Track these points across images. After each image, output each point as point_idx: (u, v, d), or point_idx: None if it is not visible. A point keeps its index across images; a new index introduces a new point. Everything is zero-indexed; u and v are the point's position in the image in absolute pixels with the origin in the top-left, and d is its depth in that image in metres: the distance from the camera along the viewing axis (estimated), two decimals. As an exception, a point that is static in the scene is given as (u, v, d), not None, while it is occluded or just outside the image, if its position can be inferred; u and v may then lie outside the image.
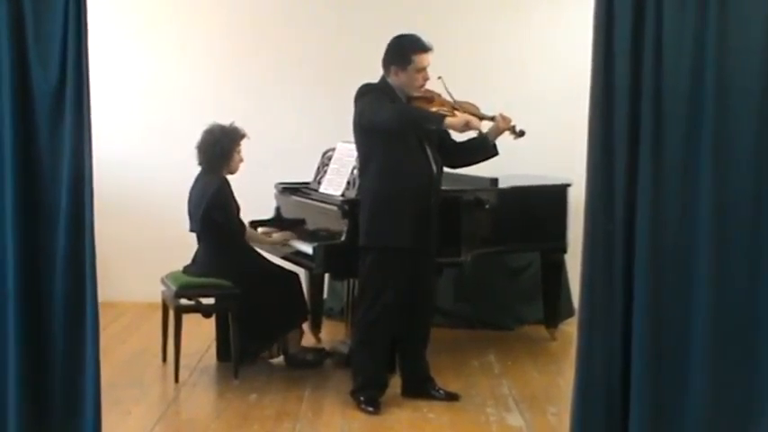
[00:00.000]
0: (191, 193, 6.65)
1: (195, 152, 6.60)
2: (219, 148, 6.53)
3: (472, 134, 6.07)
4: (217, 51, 8.57)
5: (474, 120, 5.78)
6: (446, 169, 6.13)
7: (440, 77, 5.87)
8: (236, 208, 6.56)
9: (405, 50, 5.85)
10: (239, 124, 6.61)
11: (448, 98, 5.94)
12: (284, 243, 6.84)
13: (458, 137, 6.07)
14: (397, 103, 5.82)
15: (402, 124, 5.78)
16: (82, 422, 4.38)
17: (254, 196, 6.93)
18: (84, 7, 4.23)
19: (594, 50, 4.20)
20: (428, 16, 8.05)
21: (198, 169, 6.66)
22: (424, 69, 5.84)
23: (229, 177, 6.61)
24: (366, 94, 5.85)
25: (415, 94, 5.93)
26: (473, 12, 8.43)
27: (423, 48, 5.83)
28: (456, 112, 5.87)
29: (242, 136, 6.60)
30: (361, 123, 5.87)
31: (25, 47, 4.28)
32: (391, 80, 5.89)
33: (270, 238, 6.93)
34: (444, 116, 5.76)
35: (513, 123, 6.01)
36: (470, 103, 6.04)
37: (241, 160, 6.63)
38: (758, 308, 4.17)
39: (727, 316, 4.18)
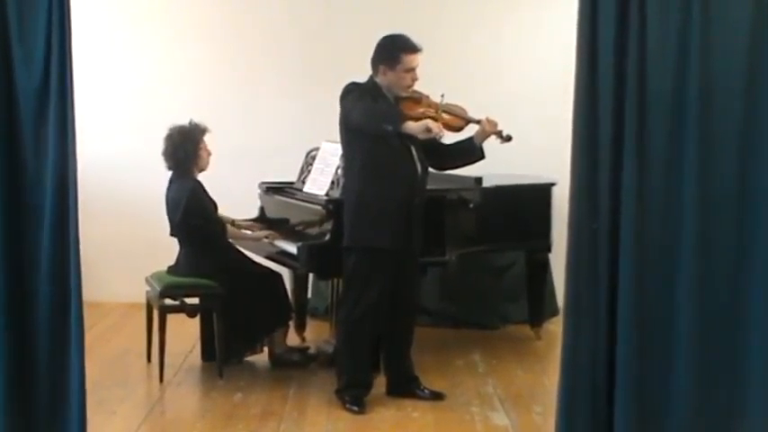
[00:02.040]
0: (167, 198, 6.64)
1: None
2: (183, 150, 6.52)
3: (459, 137, 6.08)
4: (202, 51, 8.57)
5: (435, 126, 5.70)
6: (431, 169, 6.13)
7: (442, 95, 5.87)
8: (212, 207, 6.55)
9: (394, 50, 5.85)
10: (223, 123, 6.60)
11: (437, 100, 5.94)
12: (266, 239, 6.79)
13: (446, 139, 6.06)
14: (372, 103, 5.81)
15: (366, 123, 5.77)
16: (67, 422, 4.37)
17: (238, 196, 6.94)
18: (67, 5, 4.21)
19: (579, 50, 4.21)
20: (412, 15, 8.06)
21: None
22: (412, 70, 5.84)
23: (212, 177, 6.60)
24: (350, 93, 5.84)
25: (403, 94, 5.93)
26: (457, 10, 8.45)
27: (412, 48, 5.83)
28: (440, 114, 5.89)
29: (202, 132, 6.58)
30: (346, 123, 5.87)
31: (8, 45, 4.26)
32: (379, 79, 5.89)
33: (251, 234, 6.90)
34: (405, 120, 5.73)
35: (499, 128, 6.02)
36: (458, 106, 6.05)
37: (209, 154, 6.62)
38: (742, 306, 4.19)
39: (711, 314, 4.20)
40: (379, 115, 5.79)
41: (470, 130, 6.10)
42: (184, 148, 6.52)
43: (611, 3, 4.15)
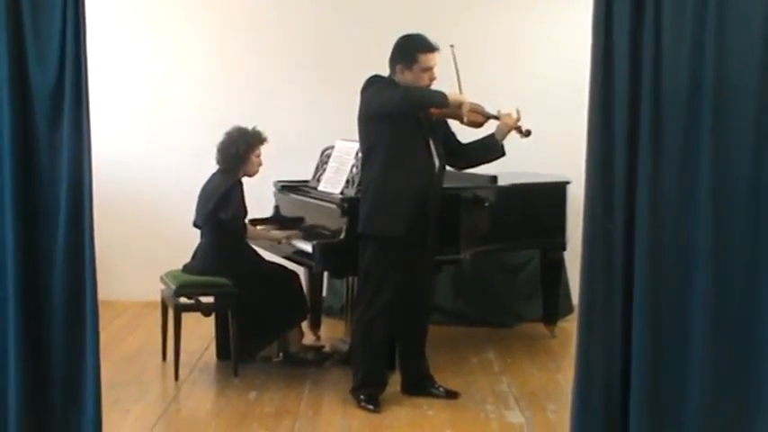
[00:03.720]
0: (203, 189, 6.70)
1: (214, 151, 6.66)
2: (235, 150, 6.57)
3: (479, 134, 6.07)
4: (216, 51, 8.58)
5: (467, 103, 5.79)
6: (448, 168, 6.13)
7: (452, 45, 5.84)
8: (242, 210, 6.57)
9: (410, 49, 5.85)
10: (237, 122, 6.62)
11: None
12: (285, 240, 6.81)
13: (466, 136, 6.07)
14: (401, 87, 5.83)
15: (408, 103, 5.79)
16: (82, 421, 4.38)
17: (254, 195, 6.92)
18: (82, 5, 4.22)
19: (593, 50, 4.20)
20: (430, 16, 8.04)
21: (213, 167, 6.71)
22: (429, 69, 5.84)
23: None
24: (374, 84, 5.87)
25: None
26: (476, 11, 8.44)
27: (429, 47, 5.83)
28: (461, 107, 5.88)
29: (261, 141, 6.63)
30: (369, 112, 5.88)
31: (23, 46, 4.26)
32: (398, 79, 5.89)
33: (271, 234, 6.92)
34: (445, 94, 5.78)
35: (520, 123, 6.02)
36: (477, 104, 6.03)
37: (260, 164, 6.67)
38: (757, 305, 4.17)
39: (726, 314, 4.18)
40: (422, 93, 5.84)
41: (489, 127, 6.10)
42: (237, 146, 6.57)
43: (625, 2, 4.14)
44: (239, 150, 6.58)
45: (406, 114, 5.80)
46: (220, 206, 6.50)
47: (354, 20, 8.44)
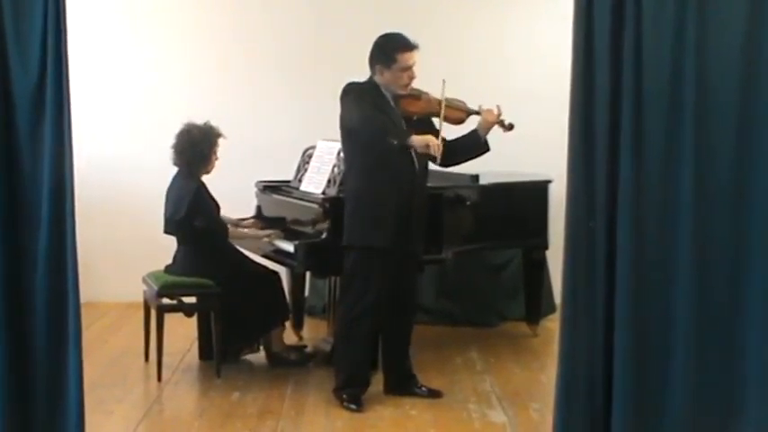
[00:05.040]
0: (167, 195, 6.61)
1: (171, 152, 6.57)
2: (199, 150, 6.49)
3: (463, 130, 6.06)
4: (198, 50, 8.57)
5: (435, 145, 5.66)
6: (431, 166, 6.12)
7: (444, 80, 5.83)
8: (215, 209, 6.54)
9: (389, 49, 5.83)
10: (220, 122, 6.58)
11: (437, 96, 5.91)
12: (266, 239, 6.78)
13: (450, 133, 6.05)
14: (373, 109, 5.76)
15: (371, 136, 5.77)
16: (65, 422, 4.37)
17: (235, 195, 6.93)
18: (63, 5, 4.21)
19: (574, 50, 4.21)
20: (411, 13, 8.06)
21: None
22: (409, 68, 5.83)
23: (210, 176, 6.59)
24: (348, 94, 5.84)
25: (401, 92, 5.91)
26: (456, 8, 8.45)
27: (407, 46, 5.81)
28: (441, 108, 5.84)
29: (218, 136, 6.56)
30: (342, 125, 5.88)
31: (4, 46, 4.25)
32: (377, 79, 5.88)
33: (252, 233, 6.89)
34: (410, 135, 5.70)
35: (502, 117, 5.97)
36: (458, 100, 6.03)
37: (216, 159, 6.60)
38: (740, 304, 4.19)
39: (709, 311, 4.20)
40: (384, 129, 5.75)
41: (472, 122, 6.09)
42: (201, 148, 6.49)
43: (605, 2, 4.15)
44: (204, 151, 6.50)
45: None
46: (193, 215, 6.43)
47: (338, 19, 8.44)
